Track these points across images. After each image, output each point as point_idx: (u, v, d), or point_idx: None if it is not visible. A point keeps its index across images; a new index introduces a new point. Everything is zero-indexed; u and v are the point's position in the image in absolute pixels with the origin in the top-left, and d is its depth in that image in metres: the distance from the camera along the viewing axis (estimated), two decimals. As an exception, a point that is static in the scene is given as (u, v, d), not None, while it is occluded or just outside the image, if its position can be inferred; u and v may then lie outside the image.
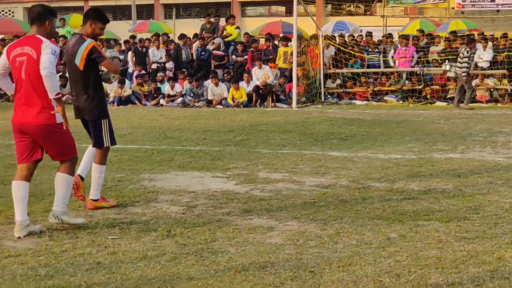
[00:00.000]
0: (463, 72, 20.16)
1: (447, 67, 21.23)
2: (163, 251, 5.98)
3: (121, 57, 23.57)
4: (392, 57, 23.46)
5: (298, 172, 9.79)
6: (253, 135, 14.00)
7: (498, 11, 31.85)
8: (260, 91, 21.29)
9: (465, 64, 20.19)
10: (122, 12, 45.59)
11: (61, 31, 26.89)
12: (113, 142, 7.78)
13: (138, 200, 8.06)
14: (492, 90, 22.16)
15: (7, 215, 7.30)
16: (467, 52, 20.33)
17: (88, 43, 7.41)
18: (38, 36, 6.58)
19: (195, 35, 25.23)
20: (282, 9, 46.05)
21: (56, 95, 6.39)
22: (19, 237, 6.44)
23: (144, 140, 13.32)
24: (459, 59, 20.41)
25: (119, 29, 38.39)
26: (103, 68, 8.59)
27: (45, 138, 6.58)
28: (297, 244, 6.19)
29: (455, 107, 20.34)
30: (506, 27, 30.32)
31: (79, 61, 7.45)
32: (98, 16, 7.62)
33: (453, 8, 32.24)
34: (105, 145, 7.69)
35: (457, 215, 7.17)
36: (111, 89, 22.49)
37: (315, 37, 23.16)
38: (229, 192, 8.45)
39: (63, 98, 23.26)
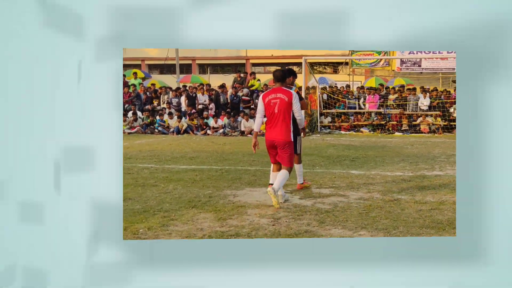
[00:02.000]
0: None
1: None
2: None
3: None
4: (363, 102, 22.68)
5: (339, 188, 8.79)
6: (285, 158, 12.97)
7: (421, 72, 32.19)
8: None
9: None
10: (168, 69, 44.44)
11: (133, 81, 25.54)
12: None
13: (233, 214, 6.89)
14: (430, 125, 21.46)
15: None
16: None
17: (293, 90, 7.61)
18: (285, 88, 7.24)
19: (222, 85, 23.92)
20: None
21: (303, 127, 7.53)
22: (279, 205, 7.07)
23: (210, 162, 12.14)
24: None
25: (167, 80, 37.19)
26: None
27: (283, 149, 7.18)
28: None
29: None
30: (429, 83, 30.75)
31: None
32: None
33: (393, 70, 32.71)
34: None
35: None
36: (172, 122, 21.43)
37: (313, 88, 22.28)
38: (299, 206, 7.43)
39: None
